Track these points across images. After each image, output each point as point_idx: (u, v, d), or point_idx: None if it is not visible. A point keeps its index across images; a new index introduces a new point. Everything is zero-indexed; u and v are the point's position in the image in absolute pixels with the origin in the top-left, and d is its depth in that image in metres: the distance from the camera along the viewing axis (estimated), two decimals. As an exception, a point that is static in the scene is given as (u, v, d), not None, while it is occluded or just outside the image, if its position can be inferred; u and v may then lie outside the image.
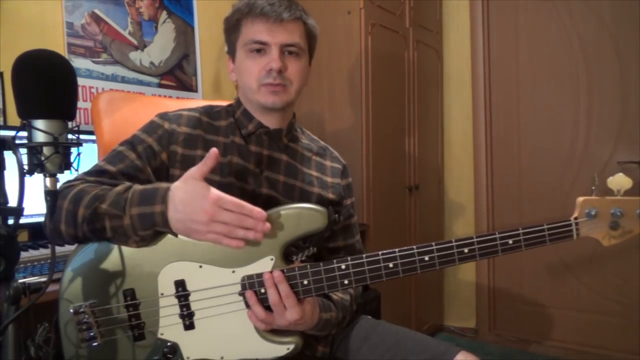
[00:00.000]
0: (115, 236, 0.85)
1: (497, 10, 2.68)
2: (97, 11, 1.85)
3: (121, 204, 0.84)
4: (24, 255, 1.28)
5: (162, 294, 0.88)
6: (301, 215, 0.88)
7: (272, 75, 0.98)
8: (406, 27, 2.43)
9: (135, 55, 1.98)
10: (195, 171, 0.83)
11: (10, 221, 0.72)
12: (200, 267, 0.88)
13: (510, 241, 0.86)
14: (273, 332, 0.89)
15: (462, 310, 2.84)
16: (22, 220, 0.72)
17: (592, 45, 2.43)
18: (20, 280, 0.77)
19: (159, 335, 0.88)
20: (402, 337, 1.01)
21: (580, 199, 0.88)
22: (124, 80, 1.93)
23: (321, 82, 2.25)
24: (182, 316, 0.88)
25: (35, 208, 1.37)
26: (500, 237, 0.86)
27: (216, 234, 0.81)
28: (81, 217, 0.85)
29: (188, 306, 0.88)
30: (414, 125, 2.49)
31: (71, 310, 0.86)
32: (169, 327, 0.88)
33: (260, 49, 1.00)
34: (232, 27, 1.04)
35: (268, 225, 0.82)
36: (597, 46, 2.41)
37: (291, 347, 0.89)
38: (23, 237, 1.50)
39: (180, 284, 0.88)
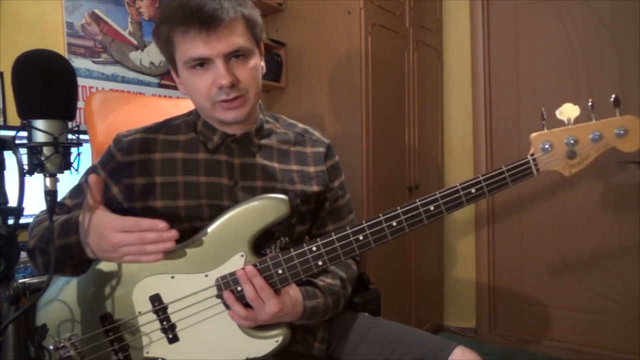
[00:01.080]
0: (48, 269, 0.87)
1: (497, 10, 2.67)
2: (97, 11, 1.85)
3: (45, 238, 0.87)
4: (24, 255, 1.28)
5: (139, 312, 0.87)
6: (262, 207, 0.87)
7: (225, 91, 0.89)
8: (406, 27, 2.43)
9: (135, 55, 1.98)
10: (90, 201, 0.83)
11: (10, 221, 0.72)
12: (173, 277, 0.87)
13: (473, 190, 0.85)
14: (259, 328, 0.88)
15: (462, 310, 2.84)
16: (22, 220, 0.72)
17: (592, 45, 2.42)
18: (20, 280, 0.77)
19: (145, 355, 0.87)
20: (400, 334, 1.00)
21: (533, 135, 0.87)
22: (124, 80, 1.93)
23: (321, 82, 2.25)
24: (164, 330, 0.87)
25: (35, 208, 1.37)
26: (462, 187, 0.85)
27: (130, 255, 0.81)
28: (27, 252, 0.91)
29: (168, 319, 0.87)
30: (414, 125, 2.49)
31: (51, 347, 0.85)
32: (154, 344, 0.87)
33: (203, 63, 0.89)
34: (163, 42, 0.93)
35: (174, 232, 0.80)
36: (597, 46, 2.41)
37: (279, 339, 0.87)
38: (23, 237, 1.49)
39: (155, 299, 0.87)
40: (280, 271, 0.86)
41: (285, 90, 2.37)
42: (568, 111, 0.86)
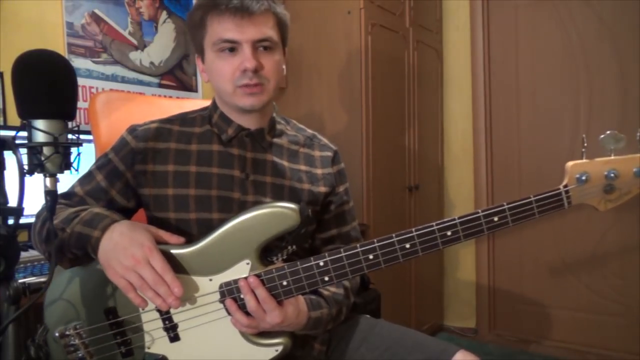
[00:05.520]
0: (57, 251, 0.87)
1: (497, 10, 2.67)
2: (97, 11, 1.85)
3: (69, 219, 0.87)
4: (24, 255, 1.28)
5: (142, 309, 0.87)
6: (272, 215, 0.85)
7: (248, 75, 0.92)
8: (406, 27, 2.43)
9: (135, 55, 1.98)
10: (153, 230, 0.85)
11: (10, 221, 0.72)
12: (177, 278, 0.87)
13: (496, 218, 0.79)
14: (260, 335, 0.87)
15: (462, 310, 2.84)
16: (22, 220, 0.72)
17: (592, 45, 2.42)
18: (20, 280, 0.77)
19: (147, 350, 0.88)
20: (401, 337, 1.00)
21: (570, 163, 0.80)
22: (124, 80, 1.93)
23: (321, 83, 2.25)
24: (166, 329, 0.87)
25: (35, 208, 1.38)
26: (484, 214, 0.80)
27: (128, 282, 0.81)
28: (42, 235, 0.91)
29: (170, 319, 0.87)
30: (414, 125, 2.49)
31: (57, 334, 0.86)
32: (155, 341, 0.88)
33: (231, 47, 0.93)
34: (196, 25, 0.97)
35: (177, 303, 0.81)
36: (597, 46, 2.41)
37: (280, 348, 0.87)
38: (23, 237, 1.50)
39: None
40: (284, 283, 0.84)
41: (285, 90, 2.37)
42: (612, 139, 0.77)
